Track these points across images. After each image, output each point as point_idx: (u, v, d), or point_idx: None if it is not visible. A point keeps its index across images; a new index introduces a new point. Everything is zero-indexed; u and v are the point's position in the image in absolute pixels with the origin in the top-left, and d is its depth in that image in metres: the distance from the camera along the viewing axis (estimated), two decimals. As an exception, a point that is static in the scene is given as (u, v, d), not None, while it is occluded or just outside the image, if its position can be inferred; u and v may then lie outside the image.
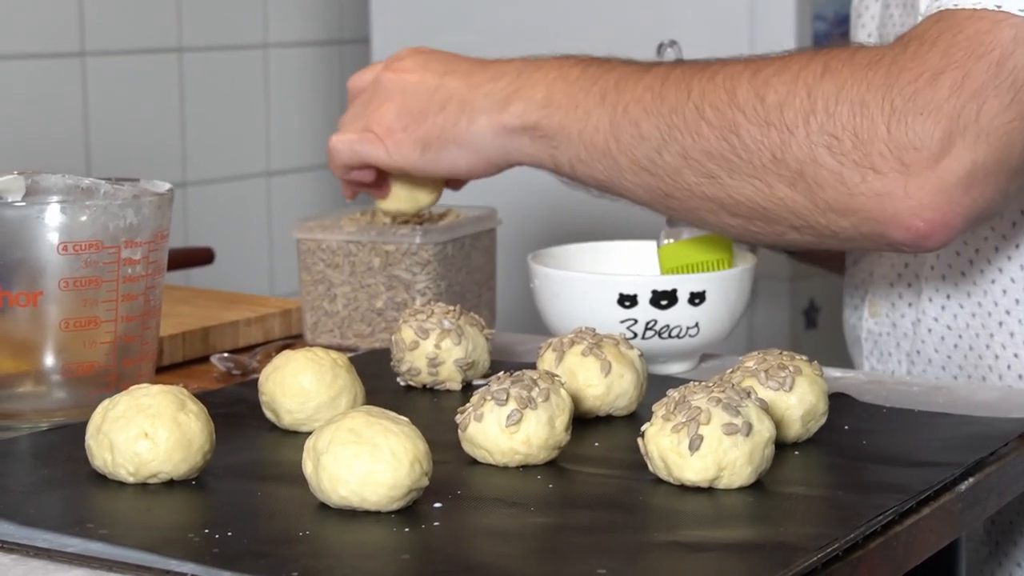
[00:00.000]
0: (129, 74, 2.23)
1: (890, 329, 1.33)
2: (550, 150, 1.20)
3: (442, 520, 0.88)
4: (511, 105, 1.21)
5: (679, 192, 1.15)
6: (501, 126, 1.21)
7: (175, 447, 0.93)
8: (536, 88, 1.20)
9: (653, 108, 1.14)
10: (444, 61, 1.26)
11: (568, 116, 1.18)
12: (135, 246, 1.08)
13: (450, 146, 1.23)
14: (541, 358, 1.10)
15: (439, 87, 1.24)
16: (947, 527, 0.95)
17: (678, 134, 1.13)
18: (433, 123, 1.24)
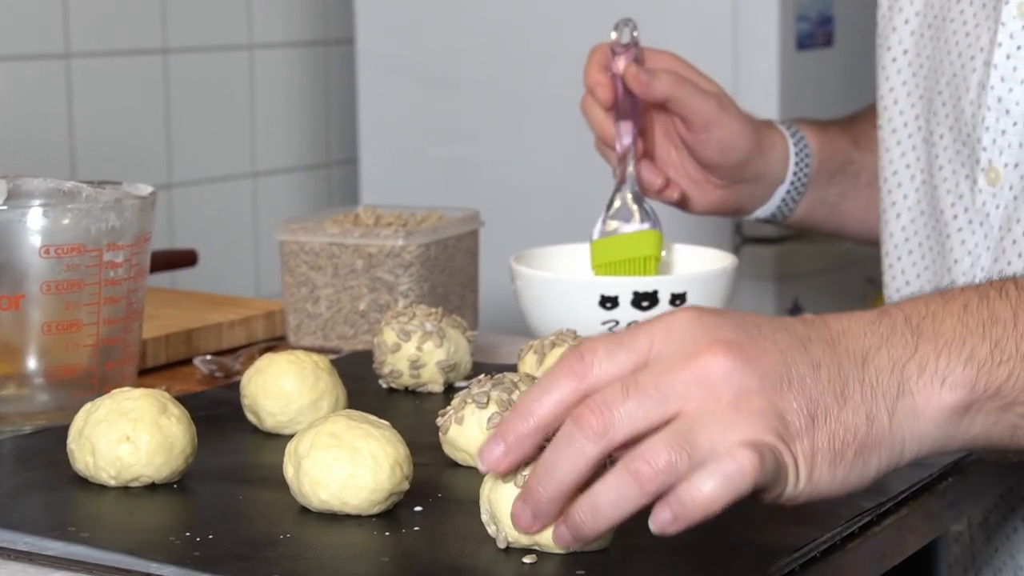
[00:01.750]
0: (114, 75, 2.23)
1: None
2: (1013, 417, 0.87)
3: (422, 523, 0.88)
4: (948, 376, 0.85)
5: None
6: (941, 408, 0.85)
7: (156, 450, 0.94)
8: (968, 342, 0.86)
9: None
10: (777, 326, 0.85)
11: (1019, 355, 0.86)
12: (117, 249, 1.08)
13: (867, 452, 0.83)
14: (522, 360, 1.11)
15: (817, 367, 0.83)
16: (927, 527, 0.96)
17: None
18: (838, 422, 0.82)
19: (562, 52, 2.32)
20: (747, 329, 0.83)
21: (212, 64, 2.39)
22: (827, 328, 0.86)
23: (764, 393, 0.81)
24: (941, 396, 0.84)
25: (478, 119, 2.40)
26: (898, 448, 0.84)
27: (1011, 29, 1.22)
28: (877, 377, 0.84)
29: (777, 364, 0.82)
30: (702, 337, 0.82)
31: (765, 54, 2.18)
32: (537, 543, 0.82)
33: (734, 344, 0.82)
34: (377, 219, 1.37)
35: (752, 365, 0.81)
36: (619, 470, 0.79)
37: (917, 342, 0.85)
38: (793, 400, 0.81)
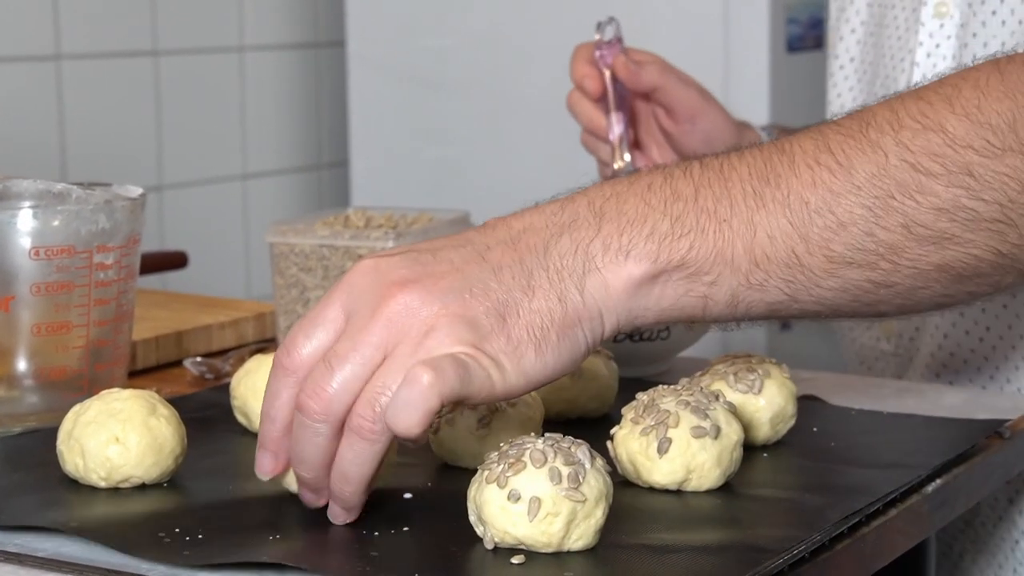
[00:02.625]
0: (105, 77, 2.23)
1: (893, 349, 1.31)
2: (702, 288, 0.91)
3: (412, 523, 0.88)
4: (631, 251, 0.90)
5: (898, 275, 0.92)
6: (628, 280, 0.89)
7: (146, 451, 0.94)
8: (648, 221, 0.90)
9: (843, 186, 0.90)
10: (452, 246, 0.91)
11: (720, 236, 0.90)
12: (107, 251, 1.09)
13: (569, 331, 0.88)
14: (512, 361, 1.11)
15: (497, 268, 0.89)
16: (915, 528, 0.96)
17: (893, 202, 0.90)
18: (531, 311, 0.88)
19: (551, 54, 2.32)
20: (422, 260, 0.88)
21: (203, 66, 2.39)
22: (508, 229, 0.91)
23: (448, 311, 0.86)
24: (627, 269, 0.89)
25: (468, 121, 2.40)
26: (597, 321, 0.89)
27: (930, 29, 1.27)
28: (561, 262, 0.89)
29: (455, 281, 0.87)
30: (379, 285, 0.87)
31: (756, 56, 2.19)
32: (524, 543, 0.82)
33: (409, 280, 0.87)
34: (367, 221, 1.37)
35: (430, 292, 0.86)
36: (346, 433, 0.85)
37: (600, 223, 0.90)
38: (479, 306, 0.86)
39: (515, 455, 0.84)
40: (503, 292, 0.87)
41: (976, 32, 1.23)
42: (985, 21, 1.22)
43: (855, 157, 0.91)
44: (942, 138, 0.90)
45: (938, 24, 1.26)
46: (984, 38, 1.22)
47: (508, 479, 0.83)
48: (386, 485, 0.92)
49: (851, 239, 0.91)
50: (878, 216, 0.91)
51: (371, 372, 0.85)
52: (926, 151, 0.90)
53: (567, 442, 0.85)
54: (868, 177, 0.90)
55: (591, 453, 0.85)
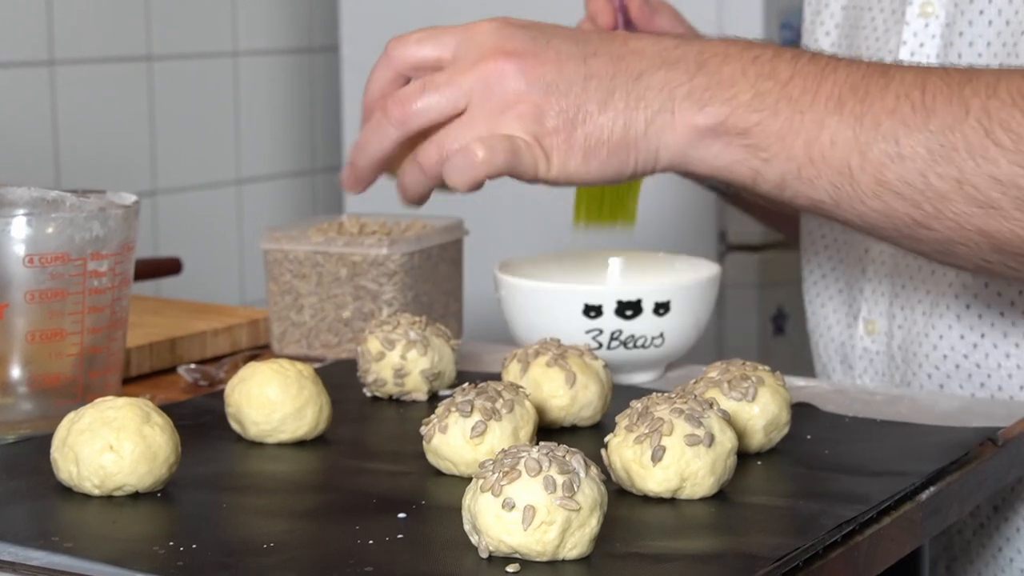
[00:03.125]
0: (98, 83, 2.23)
1: (884, 348, 1.32)
2: (756, 162, 1.00)
3: (406, 531, 0.88)
4: (707, 105, 1.00)
5: (938, 222, 0.99)
6: (692, 128, 1.00)
7: (140, 459, 0.94)
8: (737, 86, 1.00)
9: (918, 123, 0.97)
10: (571, 38, 1.03)
11: (791, 124, 0.99)
12: (101, 258, 1.08)
13: (620, 151, 1.01)
14: (506, 369, 1.11)
15: (589, 76, 1.01)
16: (908, 536, 0.96)
17: (956, 155, 0.97)
18: (597, 124, 1.00)
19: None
20: (537, 40, 1.01)
21: (196, 71, 2.39)
22: (622, 45, 1.02)
23: (530, 96, 1.00)
24: (695, 117, 1.00)
25: (463, 126, 2.40)
26: (653, 154, 1.01)
27: (914, 28, 1.27)
28: (646, 92, 1.00)
29: (549, 72, 1.00)
30: (494, 44, 1.01)
31: (749, 62, 2.19)
32: (518, 552, 0.82)
33: (517, 52, 1.00)
34: (361, 228, 1.37)
35: (525, 72, 1.00)
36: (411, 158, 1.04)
37: (696, 73, 1.01)
38: (556, 104, 1.00)
39: (510, 464, 0.84)
40: (582, 99, 1.00)
41: (963, 31, 1.23)
42: (972, 20, 1.22)
43: (940, 103, 0.97)
44: (1021, 115, 0.95)
45: (923, 23, 1.26)
46: (970, 37, 1.23)
47: (503, 488, 0.83)
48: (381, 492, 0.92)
49: (905, 172, 0.98)
50: (936, 162, 0.97)
51: (451, 111, 1.01)
52: (1004, 124, 0.96)
53: (562, 451, 0.85)
54: (942, 125, 0.97)
55: (586, 462, 0.85)
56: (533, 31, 1.02)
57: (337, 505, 0.93)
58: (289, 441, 1.05)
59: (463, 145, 1.00)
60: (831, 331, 1.37)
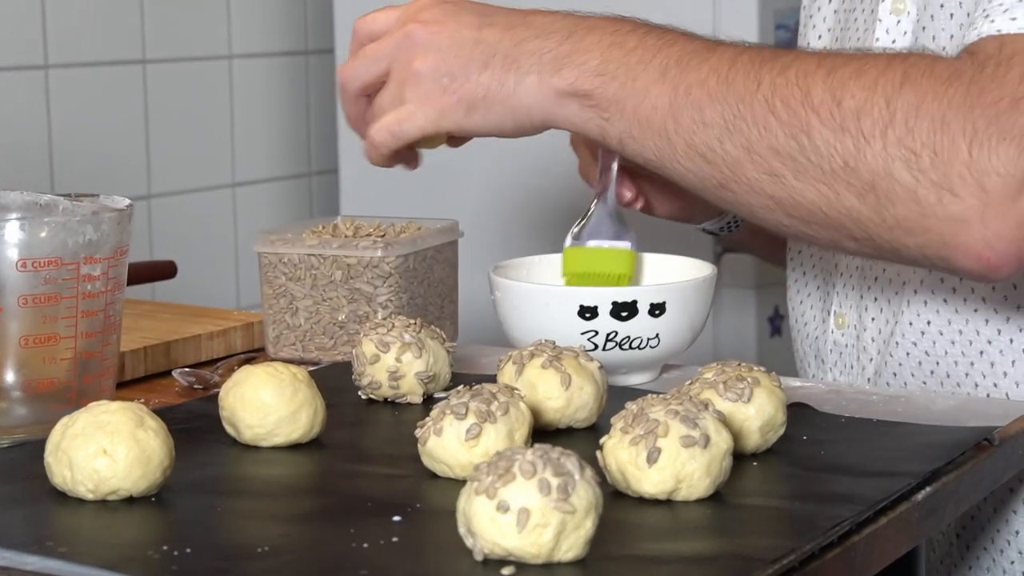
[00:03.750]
0: (93, 86, 2.22)
1: (854, 341, 1.33)
2: (600, 121, 1.13)
3: (401, 534, 0.88)
4: (563, 69, 1.13)
5: (736, 185, 1.10)
6: (551, 89, 1.14)
7: (134, 464, 0.93)
8: (590, 53, 1.13)
9: (718, 94, 1.09)
10: (478, 12, 1.18)
11: (624, 89, 1.12)
12: (95, 262, 1.08)
13: (496, 107, 1.15)
14: (501, 371, 1.11)
15: (478, 41, 1.16)
16: (904, 537, 0.96)
17: (744, 125, 1.08)
18: (477, 82, 1.15)
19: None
20: (447, 10, 1.17)
21: (191, 74, 2.39)
22: (520, 18, 1.16)
23: (426, 56, 1.16)
24: (552, 79, 1.13)
25: (458, 128, 2.39)
26: (525, 112, 1.15)
27: (887, 24, 1.29)
28: (520, 56, 1.14)
29: (445, 37, 1.16)
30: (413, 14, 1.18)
31: (744, 63, 2.19)
32: (513, 554, 0.82)
33: (425, 20, 1.17)
34: (356, 230, 1.37)
35: (428, 36, 1.16)
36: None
37: (564, 41, 1.14)
38: (445, 63, 1.15)
39: (504, 466, 0.83)
40: (467, 59, 1.15)
41: (925, 26, 1.24)
42: (934, 15, 1.23)
43: (740, 78, 1.08)
44: (802, 96, 1.06)
45: (895, 20, 1.28)
46: (933, 31, 1.23)
47: (497, 490, 0.82)
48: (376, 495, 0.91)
49: (707, 138, 1.09)
50: (730, 132, 1.08)
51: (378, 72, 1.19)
52: (784, 99, 1.06)
53: (556, 453, 0.84)
54: (736, 97, 1.08)
55: (580, 464, 0.85)
56: (450, 5, 1.18)
57: (332, 508, 0.93)
58: (284, 444, 1.05)
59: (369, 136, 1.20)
60: (807, 327, 1.39)
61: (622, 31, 1.14)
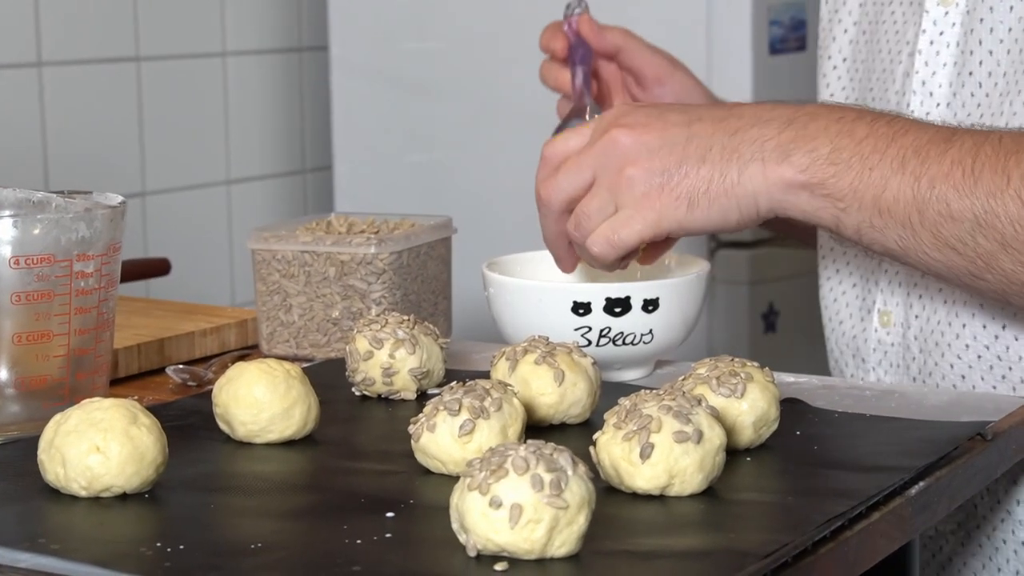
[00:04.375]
0: (87, 84, 2.22)
1: (899, 339, 1.31)
2: (835, 211, 1.12)
3: (394, 530, 0.88)
4: (791, 156, 1.11)
5: (990, 275, 1.10)
6: (780, 178, 1.11)
7: (127, 461, 0.93)
8: (818, 140, 1.12)
9: (966, 189, 1.08)
10: (681, 110, 1.16)
11: (861, 179, 1.10)
12: (88, 259, 1.08)
13: (720, 199, 1.12)
14: (494, 367, 1.11)
15: (691, 137, 1.14)
16: (898, 532, 0.96)
17: (997, 222, 1.07)
18: (697, 176, 1.12)
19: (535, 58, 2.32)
20: (650, 113, 1.15)
21: (185, 71, 2.39)
22: (728, 111, 1.15)
23: (638, 159, 1.13)
24: (782, 169, 1.11)
25: (452, 125, 2.40)
26: (752, 201, 1.12)
27: (934, 16, 1.28)
28: (740, 146, 1.12)
29: (654, 138, 1.13)
30: (612, 119, 1.16)
31: (738, 58, 2.19)
32: (506, 550, 0.82)
33: (629, 124, 1.14)
34: (349, 227, 1.37)
35: (636, 139, 1.13)
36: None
37: (785, 128, 1.12)
38: (659, 163, 1.13)
39: (497, 462, 0.83)
40: (683, 155, 1.12)
41: (983, 17, 1.23)
42: (993, 6, 1.23)
43: (987, 172, 1.07)
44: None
45: (943, 12, 1.27)
46: (991, 23, 1.23)
47: (490, 486, 0.82)
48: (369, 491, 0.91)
49: (957, 231, 1.09)
50: (982, 226, 1.08)
51: (584, 184, 1.16)
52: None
53: (549, 448, 0.84)
54: (986, 193, 1.07)
55: (573, 460, 0.85)
56: (648, 108, 1.17)
57: (325, 505, 0.93)
58: (277, 441, 1.05)
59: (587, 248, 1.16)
60: (843, 325, 1.37)
61: (847, 118, 1.12)
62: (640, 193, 1.13)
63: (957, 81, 1.25)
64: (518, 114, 2.29)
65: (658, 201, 1.13)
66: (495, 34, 2.35)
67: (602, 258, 1.16)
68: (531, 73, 2.28)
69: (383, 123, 2.45)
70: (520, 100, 2.29)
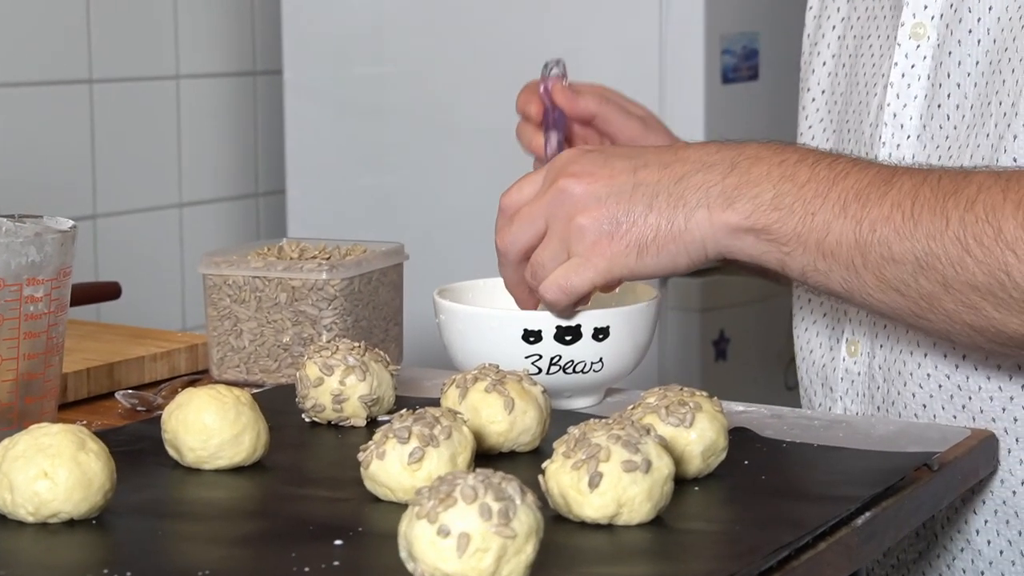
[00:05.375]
0: (39, 105, 2.22)
1: (866, 369, 1.32)
2: (780, 255, 1.14)
3: (342, 558, 0.88)
4: (735, 203, 1.13)
5: (933, 315, 1.11)
6: (725, 224, 1.13)
7: (75, 486, 0.93)
8: (761, 187, 1.13)
9: (906, 232, 1.09)
10: (626, 155, 1.18)
11: (804, 224, 1.12)
12: (37, 284, 1.08)
13: (669, 246, 1.14)
14: (444, 395, 1.11)
15: (637, 185, 1.15)
16: (844, 561, 0.96)
17: (938, 264, 1.08)
18: (645, 224, 1.14)
19: (489, 83, 2.33)
20: (596, 160, 1.17)
21: (138, 94, 2.38)
22: (672, 155, 1.16)
23: (587, 208, 1.15)
24: (725, 214, 1.13)
25: (405, 150, 2.40)
26: (699, 246, 1.14)
27: (906, 49, 1.29)
28: (685, 193, 1.14)
29: (602, 186, 1.15)
30: (561, 168, 1.17)
31: (691, 87, 2.20)
32: None
33: (577, 173, 1.16)
34: (301, 252, 1.37)
35: (585, 187, 1.15)
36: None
37: (728, 173, 1.14)
38: (607, 211, 1.14)
39: (446, 490, 0.83)
40: (630, 204, 1.14)
41: (952, 51, 1.25)
42: (961, 40, 1.24)
43: (926, 214, 1.08)
44: (994, 233, 1.06)
45: (915, 45, 1.29)
46: (959, 56, 1.25)
47: (438, 514, 0.83)
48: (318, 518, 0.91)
49: (899, 274, 1.10)
50: (923, 268, 1.09)
51: (537, 233, 1.17)
52: (977, 237, 1.07)
53: (498, 477, 0.85)
54: (926, 235, 1.08)
55: (522, 489, 0.85)
56: (595, 153, 1.18)
57: (274, 532, 0.93)
58: (226, 467, 1.05)
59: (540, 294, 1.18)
60: (813, 355, 1.38)
61: (789, 161, 1.14)
62: (591, 242, 1.15)
63: (927, 114, 1.27)
64: (471, 140, 2.29)
65: (608, 249, 1.14)
66: (448, 60, 2.35)
67: (555, 304, 1.17)
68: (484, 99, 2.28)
69: (336, 147, 2.45)
70: (473, 126, 2.30)
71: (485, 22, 2.33)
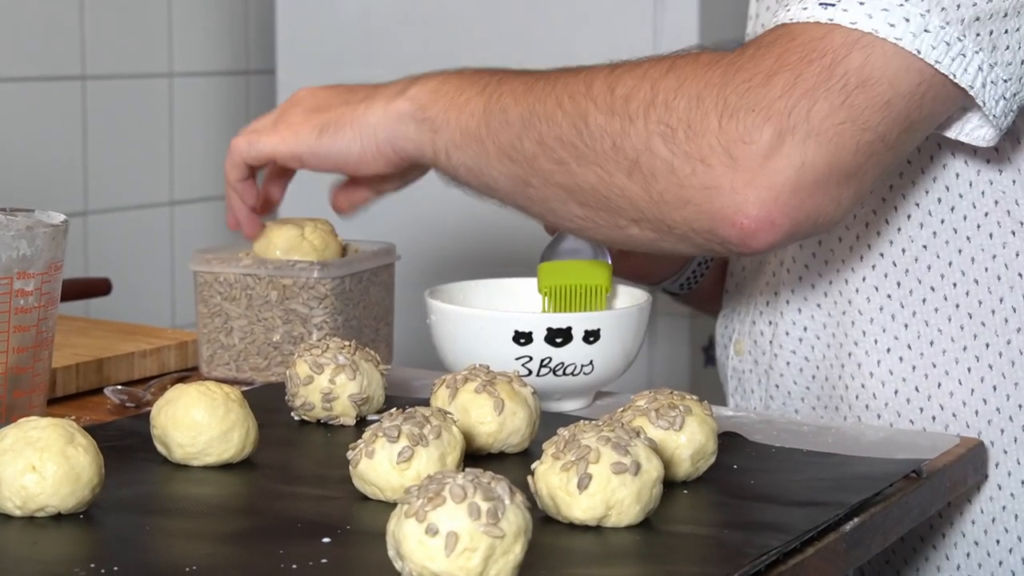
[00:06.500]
0: (32, 101, 2.21)
1: (752, 366, 1.35)
2: (431, 134, 1.22)
3: (330, 556, 0.88)
4: (408, 91, 1.24)
5: (535, 179, 1.16)
6: (393, 109, 1.24)
7: (63, 480, 0.93)
8: (432, 80, 1.24)
9: (521, 96, 1.17)
10: (347, 88, 1.31)
11: (451, 102, 1.21)
12: (28, 277, 1.08)
13: (345, 129, 1.26)
14: (435, 395, 1.11)
15: (350, 89, 1.29)
16: (831, 567, 0.96)
17: (536, 120, 1.15)
18: (335, 111, 1.27)
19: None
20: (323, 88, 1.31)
21: (131, 92, 2.38)
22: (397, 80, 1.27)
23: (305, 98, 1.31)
24: (396, 102, 1.24)
25: (398, 152, 2.39)
26: (370, 130, 1.25)
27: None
28: (375, 93, 1.26)
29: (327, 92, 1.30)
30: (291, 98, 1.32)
31: (684, 93, 2.20)
32: None
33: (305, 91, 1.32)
34: (290, 249, 1.36)
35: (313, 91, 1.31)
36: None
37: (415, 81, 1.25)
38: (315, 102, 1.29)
39: (435, 489, 0.83)
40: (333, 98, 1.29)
41: None
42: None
43: (540, 82, 1.17)
44: (584, 88, 1.14)
45: None
46: None
47: (427, 513, 0.82)
48: (306, 516, 0.91)
49: (510, 137, 1.16)
50: (526, 127, 1.16)
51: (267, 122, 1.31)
52: (571, 94, 1.14)
53: (487, 477, 0.85)
54: (534, 97, 1.16)
55: (511, 489, 0.85)
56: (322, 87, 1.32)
57: (261, 529, 0.93)
58: (215, 464, 1.05)
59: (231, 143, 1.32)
60: (719, 360, 1.43)
61: (468, 69, 1.24)
62: (292, 119, 1.29)
63: None
64: (464, 142, 2.29)
65: (299, 125, 1.28)
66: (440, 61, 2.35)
67: (234, 153, 1.31)
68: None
69: (329, 148, 2.45)
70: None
71: (477, 25, 2.32)
